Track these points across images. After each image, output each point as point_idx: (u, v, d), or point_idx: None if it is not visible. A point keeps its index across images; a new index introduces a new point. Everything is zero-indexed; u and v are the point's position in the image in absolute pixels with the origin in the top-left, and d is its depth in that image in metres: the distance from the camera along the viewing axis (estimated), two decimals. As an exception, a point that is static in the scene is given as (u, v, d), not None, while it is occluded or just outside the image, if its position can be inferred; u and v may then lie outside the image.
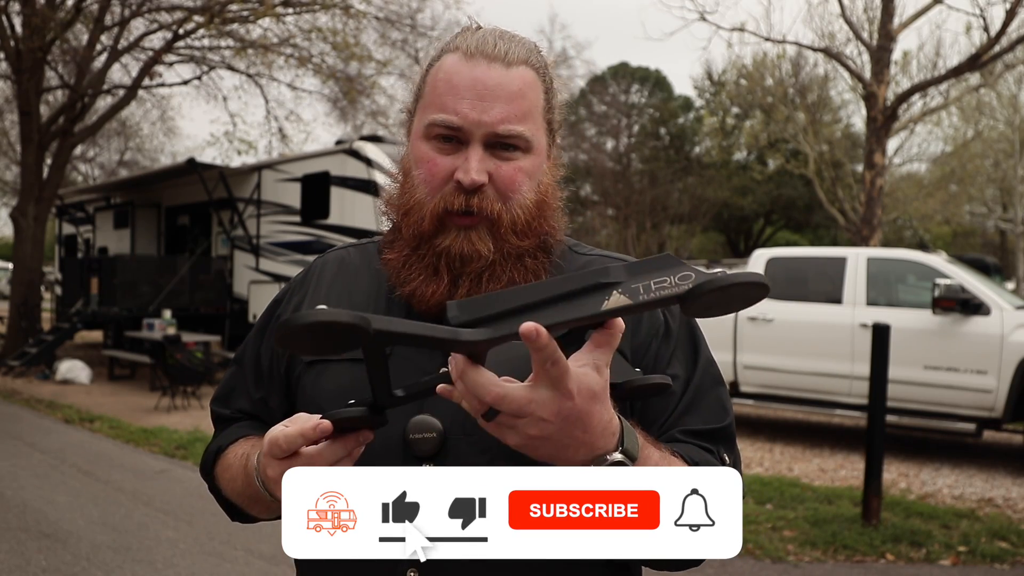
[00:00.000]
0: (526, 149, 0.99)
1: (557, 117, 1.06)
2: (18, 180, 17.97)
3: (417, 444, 0.93)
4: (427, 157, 1.00)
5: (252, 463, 0.94)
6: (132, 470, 6.28)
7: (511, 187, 0.98)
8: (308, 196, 11.30)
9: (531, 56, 1.01)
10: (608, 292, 0.69)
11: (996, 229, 27.61)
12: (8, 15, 13.11)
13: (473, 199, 0.97)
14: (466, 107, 0.96)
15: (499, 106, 0.96)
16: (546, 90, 1.02)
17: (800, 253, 8.44)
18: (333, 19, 14.27)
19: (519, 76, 0.98)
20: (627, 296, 0.68)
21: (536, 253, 1.02)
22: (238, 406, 1.15)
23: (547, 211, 1.03)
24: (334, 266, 1.14)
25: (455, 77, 0.98)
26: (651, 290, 0.68)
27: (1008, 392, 6.31)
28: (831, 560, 4.34)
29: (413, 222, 1.00)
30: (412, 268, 1.01)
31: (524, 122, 0.98)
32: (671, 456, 0.90)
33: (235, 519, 1.13)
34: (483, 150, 0.97)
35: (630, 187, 31.87)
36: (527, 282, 1.00)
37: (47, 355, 12.23)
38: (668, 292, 0.68)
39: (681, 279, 0.68)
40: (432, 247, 0.99)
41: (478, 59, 0.98)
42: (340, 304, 1.07)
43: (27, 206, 13.41)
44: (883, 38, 12.96)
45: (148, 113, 27.67)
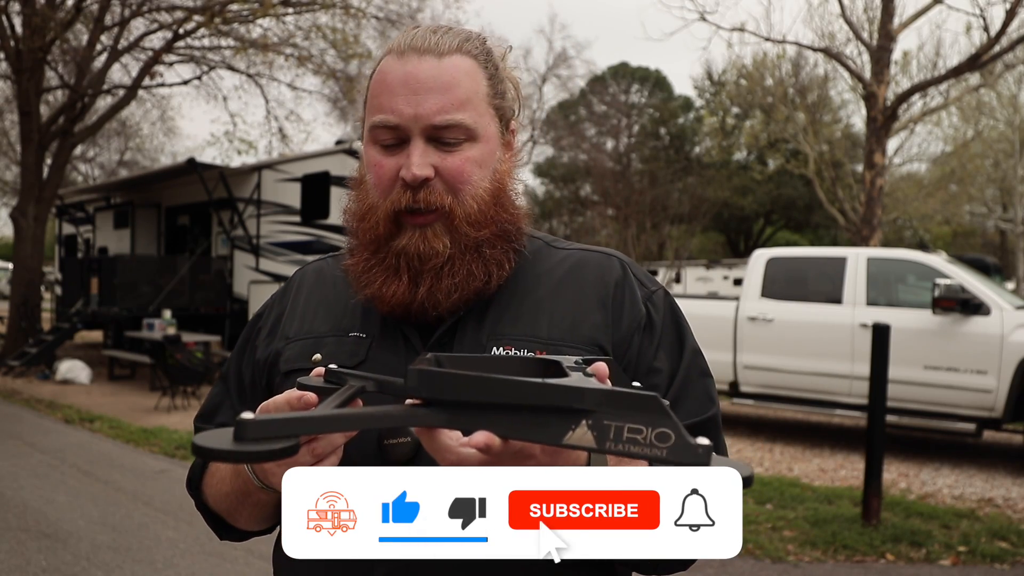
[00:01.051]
0: (471, 138, 0.98)
1: (509, 103, 1.04)
2: (18, 180, 17.98)
3: (392, 449, 0.93)
4: (374, 161, 0.99)
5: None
6: (132, 470, 6.28)
7: (459, 178, 0.97)
8: (308, 196, 11.31)
9: (466, 44, 0.99)
10: (576, 421, 0.64)
11: (996, 229, 27.64)
12: (8, 15, 13.12)
13: (420, 194, 0.96)
14: (401, 103, 0.95)
15: (433, 97, 0.95)
16: (489, 77, 1.00)
17: (800, 253, 8.44)
18: (333, 18, 14.29)
19: (452, 65, 0.97)
20: (593, 435, 0.64)
21: (495, 242, 1.00)
22: (222, 421, 1.14)
23: (504, 199, 1.02)
24: (312, 277, 1.14)
25: (388, 76, 0.97)
26: (621, 439, 0.63)
27: (1008, 392, 6.31)
28: (831, 560, 4.34)
29: (369, 227, 1.00)
30: (373, 271, 1.00)
31: (463, 110, 0.96)
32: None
33: (223, 536, 1.12)
34: (425, 144, 0.96)
35: (630, 187, 31.88)
36: (488, 273, 0.99)
37: (47, 355, 12.23)
38: (638, 450, 0.63)
39: (658, 439, 0.63)
40: (390, 249, 0.99)
41: (409, 55, 0.97)
42: (317, 315, 1.08)
43: (27, 206, 13.42)
44: (883, 38, 12.96)
45: (148, 113, 27.76)
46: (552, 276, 1.05)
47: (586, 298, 1.03)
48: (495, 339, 0.99)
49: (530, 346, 0.97)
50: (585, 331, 1.00)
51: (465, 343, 0.99)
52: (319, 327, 1.07)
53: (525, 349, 0.97)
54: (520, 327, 1.00)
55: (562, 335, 0.99)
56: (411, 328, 1.01)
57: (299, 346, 1.06)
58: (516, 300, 1.03)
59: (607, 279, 1.05)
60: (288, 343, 1.07)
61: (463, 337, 1.00)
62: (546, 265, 1.07)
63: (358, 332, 1.04)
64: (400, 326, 1.02)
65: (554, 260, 1.07)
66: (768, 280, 7.69)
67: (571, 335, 0.99)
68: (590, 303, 1.02)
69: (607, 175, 32.03)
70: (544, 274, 1.05)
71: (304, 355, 1.03)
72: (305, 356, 1.03)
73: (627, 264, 1.08)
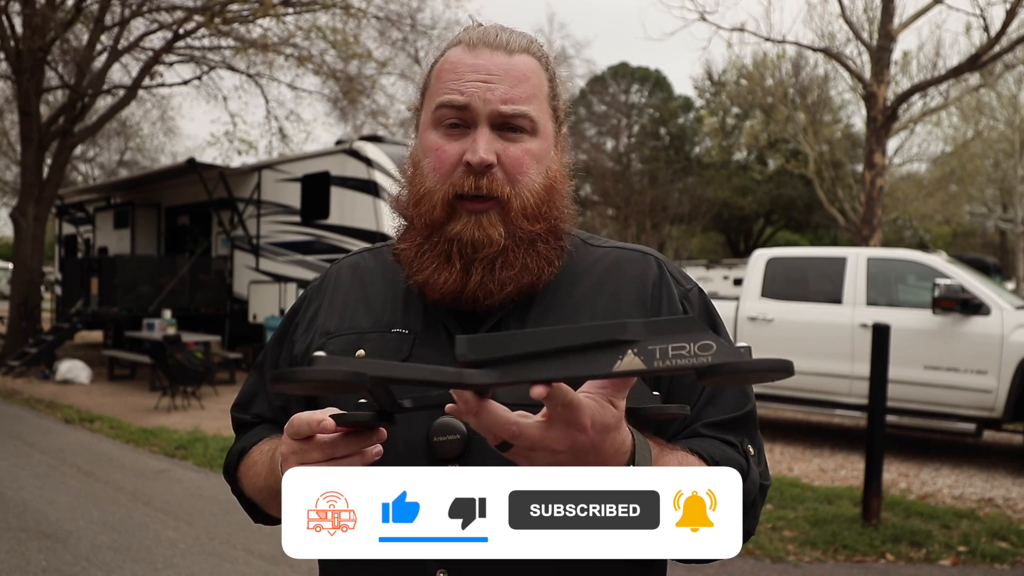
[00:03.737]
0: (532, 131, 0.99)
1: (563, 107, 1.07)
2: (18, 180, 17.98)
3: (441, 447, 0.93)
4: (435, 145, 1.00)
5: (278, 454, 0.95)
6: (132, 470, 6.28)
7: (519, 169, 0.99)
8: (308, 196, 11.30)
9: (532, 45, 1.03)
10: (623, 351, 0.67)
11: (996, 229, 27.63)
12: (8, 15, 13.11)
13: (483, 180, 0.97)
14: (471, 87, 0.97)
15: (503, 86, 0.97)
16: (550, 79, 1.04)
17: (800, 253, 8.44)
18: (333, 18, 14.29)
19: (521, 62, 1.00)
20: (641, 359, 0.67)
21: (548, 238, 1.02)
22: (258, 411, 1.16)
23: (556, 197, 1.03)
24: (349, 272, 1.14)
25: (459, 65, 0.99)
26: (668, 356, 0.66)
27: (1008, 392, 6.31)
28: (831, 560, 4.34)
29: (424, 211, 1.01)
30: (424, 256, 1.01)
31: (529, 103, 0.99)
32: (689, 456, 0.91)
33: (257, 520, 1.14)
34: (490, 131, 0.98)
35: (630, 187, 31.90)
36: (540, 269, 1.00)
37: (47, 355, 12.23)
38: (685, 362, 0.66)
39: (701, 349, 0.66)
40: (444, 234, 0.99)
41: (480, 48, 0.99)
42: (357, 310, 1.08)
43: (27, 206, 13.42)
44: (883, 38, 12.96)
45: (148, 113, 27.74)
46: (591, 275, 1.06)
47: (624, 299, 1.04)
48: None
49: None
50: None
51: None
52: (360, 322, 1.07)
53: None
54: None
55: None
56: (454, 324, 1.02)
57: (341, 341, 1.06)
58: (559, 300, 1.04)
59: (644, 279, 1.06)
60: (329, 338, 1.07)
61: None
62: (584, 264, 1.07)
63: (400, 328, 1.04)
64: (443, 321, 1.02)
65: (592, 259, 1.08)
66: (768, 280, 7.69)
67: None
68: (629, 303, 1.04)
69: (607, 175, 32.05)
70: (583, 273, 1.06)
71: (347, 351, 1.04)
72: (348, 352, 1.04)
73: (663, 263, 1.10)
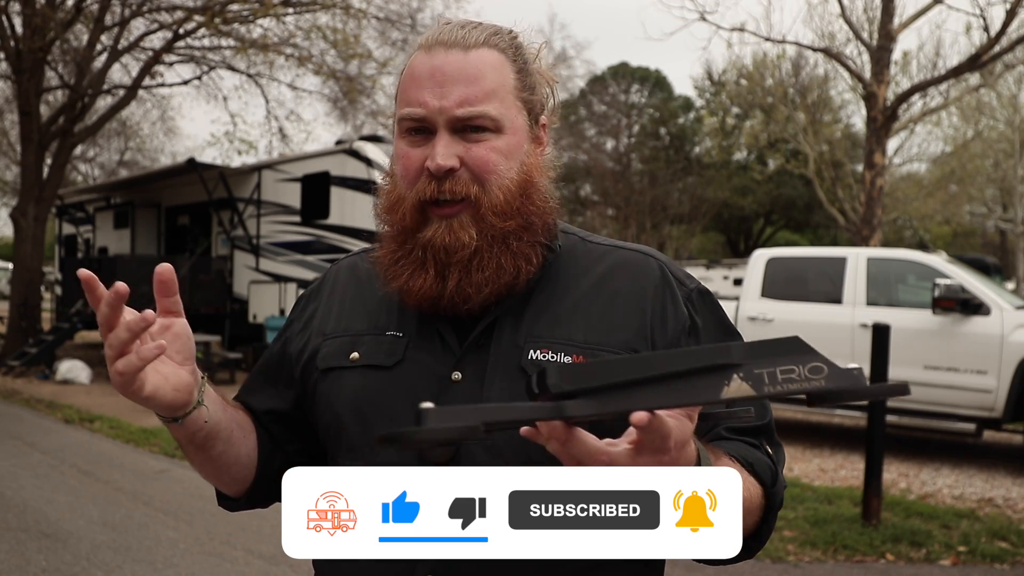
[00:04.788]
0: (496, 129, 0.98)
1: (539, 98, 1.05)
2: (18, 180, 17.97)
3: (432, 454, 0.93)
4: (402, 153, 1.01)
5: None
6: (132, 470, 6.28)
7: (485, 168, 0.98)
8: (308, 196, 11.30)
9: (494, 38, 1.01)
10: (728, 375, 0.64)
11: (996, 229, 27.63)
12: (8, 15, 13.11)
13: (445, 184, 0.97)
14: (427, 96, 0.97)
15: (458, 89, 0.96)
16: (518, 70, 1.02)
17: (800, 253, 8.44)
18: (333, 18, 14.29)
19: (478, 58, 0.98)
20: (749, 384, 0.64)
21: (521, 234, 1.00)
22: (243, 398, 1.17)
23: (532, 191, 1.02)
24: (346, 273, 1.15)
25: (416, 70, 0.99)
26: (777, 380, 0.63)
27: (1008, 392, 6.31)
28: (831, 560, 4.34)
29: (397, 218, 1.02)
30: (400, 263, 1.01)
31: (488, 102, 0.97)
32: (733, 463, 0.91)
33: (220, 503, 1.15)
34: (450, 136, 0.97)
35: (630, 187, 31.88)
36: (516, 267, 0.99)
37: (47, 355, 12.23)
38: (796, 387, 0.63)
39: (812, 372, 0.63)
40: (417, 241, 1.00)
41: (436, 49, 0.99)
42: (354, 312, 1.09)
43: (27, 206, 13.42)
44: (883, 38, 12.96)
45: (148, 113, 27.74)
46: (589, 277, 1.05)
47: (624, 302, 1.03)
48: (532, 341, 0.99)
49: (567, 350, 0.98)
50: (622, 336, 1.00)
51: (503, 344, 0.99)
52: (355, 324, 1.08)
53: (562, 353, 0.98)
54: (558, 330, 1.00)
55: (599, 339, 0.99)
56: (447, 327, 1.02)
57: (336, 344, 1.07)
58: (554, 301, 1.03)
59: (646, 283, 1.04)
60: (325, 340, 1.08)
61: (500, 337, 1.00)
62: (582, 264, 1.07)
63: (394, 331, 1.04)
64: (435, 324, 1.02)
65: (591, 259, 1.07)
66: (768, 280, 7.68)
67: (608, 339, 1.00)
68: (629, 307, 1.02)
69: (607, 175, 32.03)
70: (581, 274, 1.05)
71: (342, 353, 1.05)
72: (343, 354, 1.05)
73: (664, 264, 1.08)
